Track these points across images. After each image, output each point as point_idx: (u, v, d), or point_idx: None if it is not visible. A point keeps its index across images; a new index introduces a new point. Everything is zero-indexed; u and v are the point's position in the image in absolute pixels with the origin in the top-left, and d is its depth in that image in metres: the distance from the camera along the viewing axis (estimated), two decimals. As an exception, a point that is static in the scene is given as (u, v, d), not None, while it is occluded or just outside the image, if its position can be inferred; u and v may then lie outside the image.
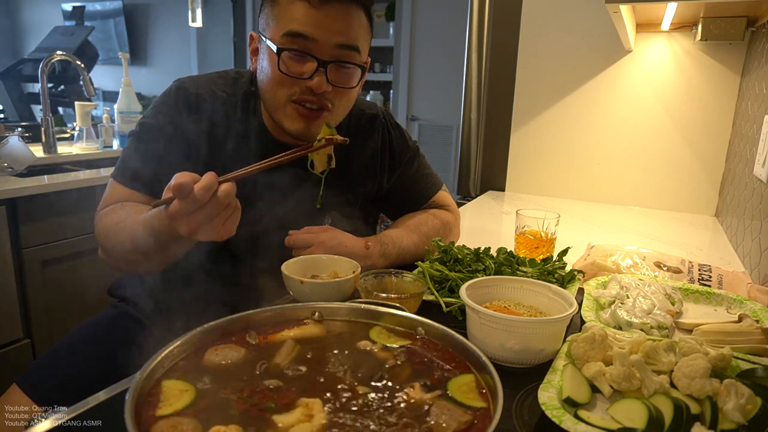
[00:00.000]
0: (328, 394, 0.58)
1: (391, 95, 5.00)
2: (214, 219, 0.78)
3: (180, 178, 0.75)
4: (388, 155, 1.24)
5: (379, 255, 1.12)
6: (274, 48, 0.96)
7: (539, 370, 0.75)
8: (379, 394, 0.58)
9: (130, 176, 1.04)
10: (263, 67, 1.02)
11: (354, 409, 0.55)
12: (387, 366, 0.64)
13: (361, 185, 1.21)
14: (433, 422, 0.54)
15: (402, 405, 0.57)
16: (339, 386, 0.59)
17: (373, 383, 0.60)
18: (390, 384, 0.60)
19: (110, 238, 0.98)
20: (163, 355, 0.61)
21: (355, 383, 0.60)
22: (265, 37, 1.00)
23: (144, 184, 1.03)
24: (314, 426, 0.52)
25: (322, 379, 0.61)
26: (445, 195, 1.36)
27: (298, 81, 0.97)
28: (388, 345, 0.69)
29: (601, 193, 2.06)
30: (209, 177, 0.76)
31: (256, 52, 1.07)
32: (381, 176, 1.24)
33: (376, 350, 0.68)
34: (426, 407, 0.56)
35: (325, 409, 0.55)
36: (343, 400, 0.57)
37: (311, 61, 0.96)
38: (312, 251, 1.03)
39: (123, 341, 0.85)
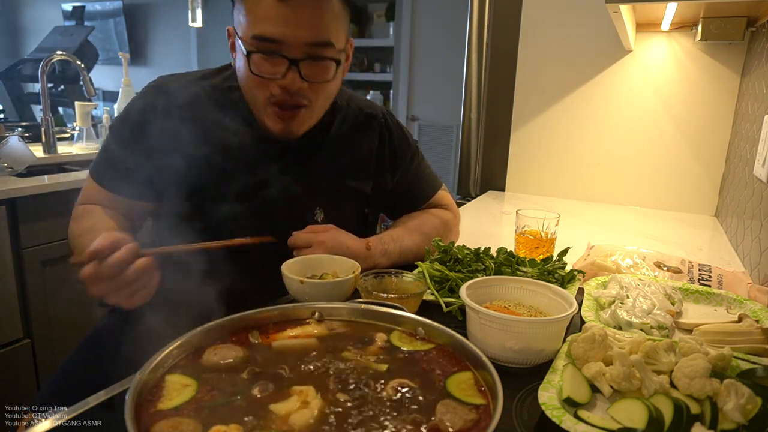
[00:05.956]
0: (337, 394, 0.58)
1: (391, 95, 5.00)
2: (122, 290, 0.80)
3: (100, 242, 0.78)
4: (388, 154, 1.23)
5: (381, 254, 1.12)
6: (244, 50, 0.95)
7: (539, 370, 0.75)
8: (385, 392, 0.58)
9: (100, 173, 1.08)
10: (239, 66, 1.01)
11: (360, 406, 0.55)
12: (393, 365, 0.64)
13: (353, 180, 1.20)
14: (437, 419, 0.54)
15: (407, 402, 0.57)
16: (344, 385, 0.59)
17: (378, 381, 0.60)
18: (396, 382, 0.60)
19: (73, 246, 1.04)
20: (164, 354, 0.61)
21: (360, 382, 0.60)
22: (238, 35, 0.97)
23: (111, 181, 1.06)
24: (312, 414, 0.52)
25: (325, 378, 0.61)
26: (444, 195, 1.36)
27: (272, 81, 0.96)
28: (404, 348, 0.69)
29: (601, 193, 2.06)
30: (126, 250, 0.79)
31: (234, 47, 1.03)
32: (381, 176, 1.23)
33: (382, 349, 0.68)
34: (431, 405, 0.56)
35: (331, 404, 0.55)
36: (349, 398, 0.57)
37: (282, 61, 0.94)
38: (312, 251, 1.03)
39: (126, 350, 0.86)
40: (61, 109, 3.71)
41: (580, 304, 0.95)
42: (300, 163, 1.12)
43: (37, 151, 2.38)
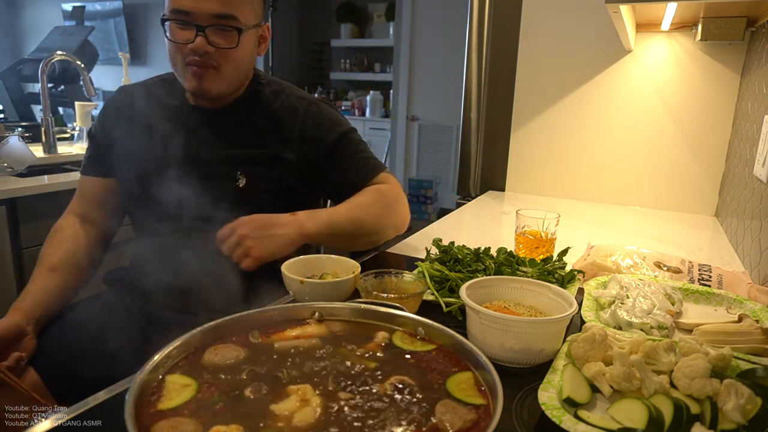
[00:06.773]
0: (338, 394, 0.58)
1: (391, 95, 5.00)
2: None
3: None
4: (315, 132, 1.27)
5: (306, 218, 1.13)
6: (164, 21, 1.13)
7: (539, 370, 0.75)
8: (385, 392, 0.58)
9: (84, 167, 1.33)
10: (166, 43, 1.18)
11: (359, 406, 0.55)
12: (393, 365, 0.64)
13: (276, 150, 1.24)
14: (437, 419, 0.54)
15: (407, 402, 0.57)
16: (344, 385, 0.59)
17: (378, 381, 0.60)
18: (396, 382, 0.60)
19: None
20: (164, 354, 0.61)
21: (360, 382, 0.60)
22: (164, 13, 1.14)
23: (90, 169, 1.31)
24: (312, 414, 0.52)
25: (326, 378, 0.61)
26: (386, 176, 1.34)
27: (185, 46, 1.12)
28: (404, 348, 0.68)
29: (601, 193, 2.06)
30: None
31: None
32: (302, 149, 1.26)
33: (382, 349, 0.68)
34: (431, 405, 0.56)
35: (331, 404, 0.55)
36: (349, 397, 0.57)
37: (192, 28, 1.10)
38: (238, 234, 1.04)
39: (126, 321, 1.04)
40: (61, 109, 3.71)
41: (580, 304, 0.95)
42: (228, 132, 1.25)
43: (37, 151, 2.38)
